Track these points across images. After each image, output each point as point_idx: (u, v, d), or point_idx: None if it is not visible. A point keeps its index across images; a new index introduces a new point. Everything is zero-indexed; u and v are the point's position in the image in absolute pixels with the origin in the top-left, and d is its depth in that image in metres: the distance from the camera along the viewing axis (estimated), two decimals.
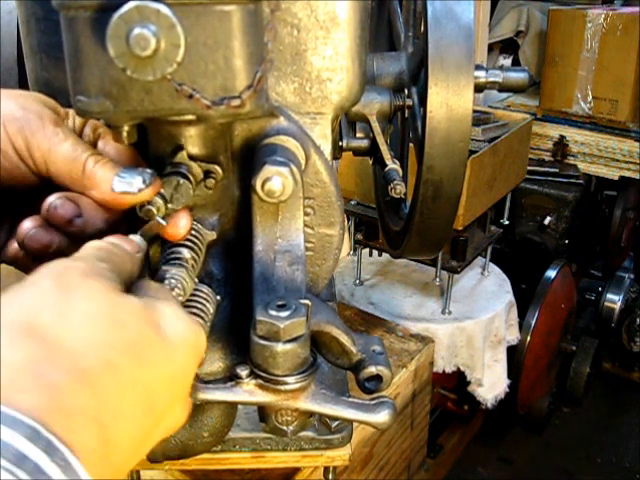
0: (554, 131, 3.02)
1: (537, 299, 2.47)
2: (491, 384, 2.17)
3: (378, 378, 0.53)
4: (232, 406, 0.60)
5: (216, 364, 0.60)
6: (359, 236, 2.16)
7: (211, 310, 0.53)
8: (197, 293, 0.52)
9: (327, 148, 0.60)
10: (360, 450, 1.57)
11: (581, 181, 2.89)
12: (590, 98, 2.92)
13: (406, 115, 0.74)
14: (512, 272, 2.36)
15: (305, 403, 0.49)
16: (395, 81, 0.79)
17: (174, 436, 0.58)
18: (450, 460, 2.50)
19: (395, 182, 0.71)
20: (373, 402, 0.50)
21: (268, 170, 0.50)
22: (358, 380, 0.53)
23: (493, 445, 2.77)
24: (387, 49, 0.94)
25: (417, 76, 0.75)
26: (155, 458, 0.60)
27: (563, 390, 2.90)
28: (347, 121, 0.77)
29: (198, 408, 0.56)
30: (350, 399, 0.50)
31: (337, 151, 0.76)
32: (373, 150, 0.76)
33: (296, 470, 1.22)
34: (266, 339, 0.46)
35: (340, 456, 0.72)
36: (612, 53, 2.81)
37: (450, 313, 2.08)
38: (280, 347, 0.46)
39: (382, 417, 0.50)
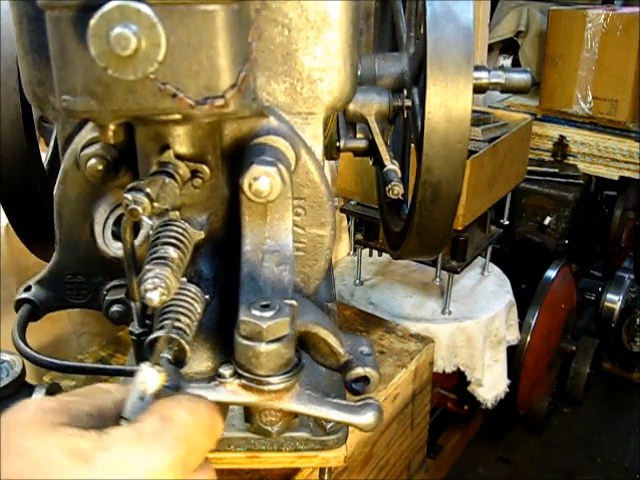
0: (554, 131, 3.02)
1: (537, 299, 2.47)
2: (491, 384, 2.17)
3: (366, 379, 0.53)
4: (223, 406, 0.60)
5: (205, 364, 0.59)
6: (359, 236, 2.16)
7: (198, 309, 0.53)
8: (184, 292, 0.52)
9: (318, 148, 0.59)
10: (360, 450, 1.57)
11: (581, 181, 2.89)
12: (590, 98, 2.92)
13: (405, 116, 0.74)
14: (512, 272, 2.36)
15: (289, 404, 0.49)
16: (397, 81, 0.78)
17: None
18: (450, 460, 2.50)
19: (393, 183, 0.71)
20: (358, 404, 0.50)
21: (255, 170, 0.50)
22: (345, 381, 0.53)
23: (493, 445, 2.77)
24: (390, 49, 0.94)
25: (419, 77, 0.75)
26: None
27: (563, 390, 2.90)
28: (346, 121, 0.77)
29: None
30: (335, 400, 0.50)
31: (335, 151, 0.76)
32: (372, 151, 0.75)
33: (296, 470, 1.22)
34: (249, 339, 0.46)
35: (335, 457, 0.71)
36: (612, 53, 2.81)
37: (450, 313, 2.08)
38: (263, 347, 0.46)
39: (367, 419, 0.49)
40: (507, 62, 3.57)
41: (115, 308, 0.66)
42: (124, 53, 0.41)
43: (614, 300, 2.95)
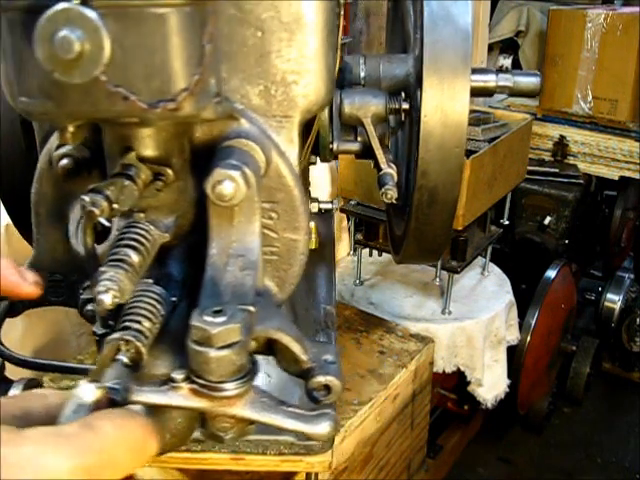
0: (554, 131, 3.02)
1: (537, 299, 2.47)
2: (491, 384, 2.18)
3: (328, 388, 0.51)
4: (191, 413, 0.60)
5: (171, 366, 0.59)
6: (359, 236, 2.16)
7: (162, 312, 0.53)
8: (148, 294, 0.53)
9: (293, 152, 0.59)
10: (360, 450, 1.57)
11: (581, 181, 2.89)
12: (590, 98, 2.92)
13: (402, 118, 0.73)
14: (512, 272, 2.36)
15: (242, 410, 0.48)
16: (401, 84, 0.77)
17: None
18: (450, 460, 2.50)
19: (386, 187, 0.70)
20: (314, 413, 0.49)
21: (219, 173, 0.50)
22: (306, 389, 0.52)
23: (493, 445, 2.77)
24: (402, 50, 0.94)
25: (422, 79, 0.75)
26: None
27: (563, 390, 2.90)
28: (342, 124, 0.77)
29: (160, 409, 0.56)
30: (290, 408, 0.49)
31: (328, 154, 0.75)
32: (368, 153, 0.75)
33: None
34: (200, 344, 0.45)
35: (320, 462, 0.71)
36: (612, 53, 2.81)
37: (450, 313, 2.08)
38: (213, 353, 0.45)
39: (322, 429, 0.48)
40: (507, 62, 3.58)
41: (89, 307, 0.66)
42: (68, 56, 0.41)
43: (614, 300, 2.95)
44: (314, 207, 0.90)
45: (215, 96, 0.51)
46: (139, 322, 0.51)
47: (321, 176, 2.07)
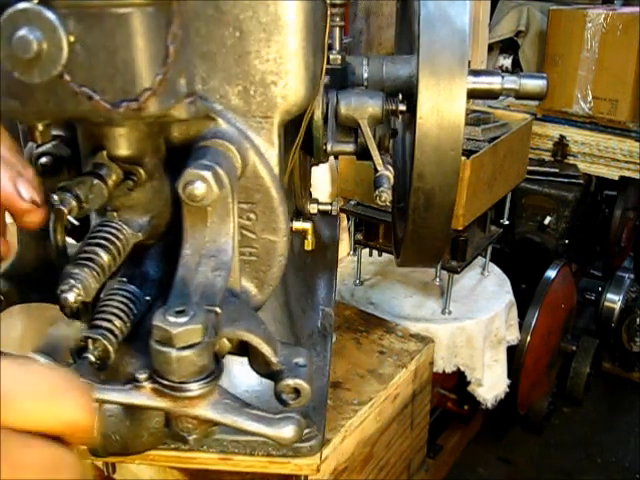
0: (554, 131, 3.02)
1: (537, 299, 2.47)
2: (491, 384, 2.17)
3: (297, 391, 0.51)
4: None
5: (144, 365, 0.59)
6: (359, 236, 2.16)
7: (134, 311, 0.53)
8: (121, 293, 0.53)
9: (273, 153, 0.58)
10: (360, 450, 1.57)
11: (581, 181, 2.89)
12: (590, 98, 2.92)
13: (401, 120, 0.73)
14: (512, 272, 2.36)
15: (204, 411, 0.48)
16: (404, 84, 0.77)
17: (115, 433, 0.57)
18: (450, 460, 2.50)
19: (380, 189, 0.69)
20: (278, 416, 0.49)
21: (190, 174, 0.50)
22: (275, 391, 0.52)
23: (493, 445, 2.76)
24: (409, 52, 0.94)
25: None
26: (97, 453, 0.58)
27: (563, 390, 2.90)
28: (338, 124, 0.76)
29: (137, 408, 0.56)
30: (254, 411, 0.49)
31: (322, 155, 0.75)
32: (364, 155, 0.74)
33: None
34: (162, 344, 0.46)
35: (308, 465, 0.71)
36: (612, 53, 2.80)
37: (450, 313, 2.08)
38: (174, 353, 0.45)
39: (286, 433, 0.48)
40: (507, 62, 3.57)
41: None
42: (26, 56, 0.41)
43: (614, 300, 2.95)
44: (313, 208, 0.90)
45: (187, 96, 0.51)
46: (110, 321, 0.51)
47: (321, 176, 2.07)
